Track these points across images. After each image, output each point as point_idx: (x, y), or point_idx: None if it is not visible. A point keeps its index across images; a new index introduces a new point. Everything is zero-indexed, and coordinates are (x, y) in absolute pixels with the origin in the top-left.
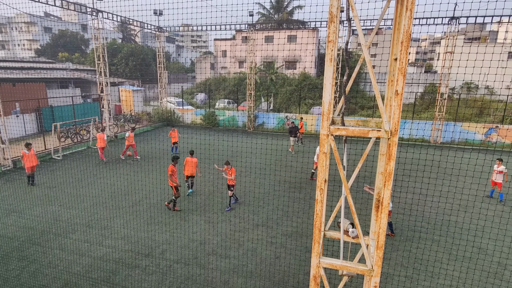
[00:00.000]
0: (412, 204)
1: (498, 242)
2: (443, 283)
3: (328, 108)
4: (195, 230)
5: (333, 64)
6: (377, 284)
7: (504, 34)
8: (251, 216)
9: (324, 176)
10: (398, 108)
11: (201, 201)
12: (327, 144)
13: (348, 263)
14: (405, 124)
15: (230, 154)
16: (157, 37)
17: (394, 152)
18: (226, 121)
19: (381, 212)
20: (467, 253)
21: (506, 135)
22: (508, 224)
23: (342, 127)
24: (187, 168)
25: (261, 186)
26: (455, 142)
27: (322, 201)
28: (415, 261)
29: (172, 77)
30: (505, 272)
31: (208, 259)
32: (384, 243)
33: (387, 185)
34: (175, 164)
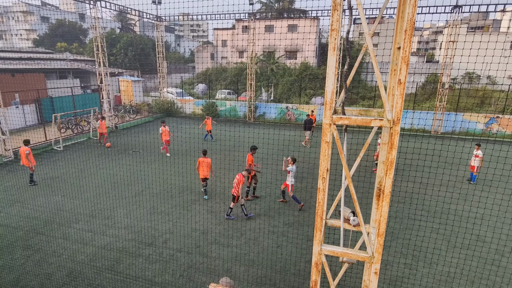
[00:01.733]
0: (413, 193)
1: (496, 230)
2: (442, 270)
3: (331, 97)
4: (197, 219)
5: (336, 53)
6: (377, 271)
7: (507, 22)
8: (252, 205)
9: (327, 165)
10: (400, 97)
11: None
12: (330, 133)
13: (349, 250)
14: (406, 114)
15: (231, 145)
16: (156, 27)
17: (396, 141)
18: (226, 111)
19: (382, 201)
20: (466, 241)
21: (508, 125)
22: (506, 212)
23: (344, 117)
24: (201, 170)
25: (262, 176)
26: (456, 132)
27: (324, 189)
28: (414, 249)
29: (172, 67)
30: (502, 259)
31: (210, 248)
32: (384, 231)
33: (388, 174)
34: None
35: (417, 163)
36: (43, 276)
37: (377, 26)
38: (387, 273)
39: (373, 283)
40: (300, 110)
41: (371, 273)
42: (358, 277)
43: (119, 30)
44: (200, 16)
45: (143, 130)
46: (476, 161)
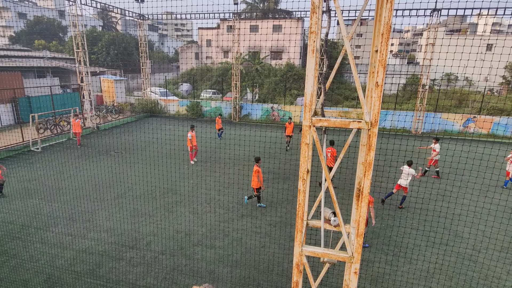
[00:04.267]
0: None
1: (472, 226)
2: (421, 268)
3: (311, 99)
4: (181, 221)
5: (315, 55)
6: (357, 270)
7: (483, 26)
8: (236, 206)
9: (307, 166)
10: (378, 99)
11: (186, 192)
12: (310, 135)
13: (329, 250)
14: (387, 115)
15: (216, 145)
16: (139, 25)
17: (374, 142)
18: (211, 111)
19: (361, 201)
20: (444, 237)
21: (483, 125)
22: (483, 208)
23: (324, 118)
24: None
25: (246, 176)
26: (435, 132)
27: (304, 191)
28: (394, 247)
29: (156, 66)
30: (479, 255)
31: (194, 250)
32: (364, 231)
33: (367, 175)
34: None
35: (398, 162)
36: (19, 282)
37: (359, 28)
38: (368, 271)
39: (353, 283)
40: (285, 111)
41: (351, 273)
42: (341, 276)
43: (101, 28)
44: (184, 15)
45: (125, 131)
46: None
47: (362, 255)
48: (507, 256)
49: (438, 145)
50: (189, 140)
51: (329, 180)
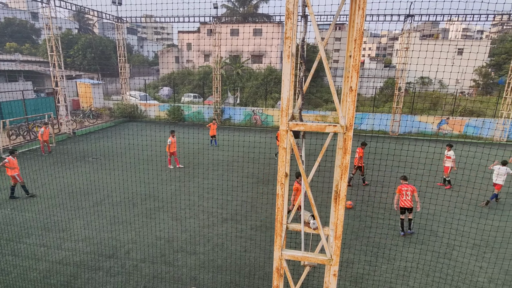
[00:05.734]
0: (371, 191)
1: (447, 225)
2: (400, 265)
3: (287, 104)
4: (162, 227)
5: (291, 60)
6: (336, 272)
7: (454, 31)
8: (219, 211)
9: (285, 170)
10: (352, 104)
11: (167, 198)
12: (287, 140)
13: (309, 254)
14: (362, 118)
15: (197, 149)
16: (117, 28)
17: (349, 146)
18: (192, 115)
19: (339, 204)
20: (421, 236)
21: (455, 127)
22: (455, 207)
23: (300, 123)
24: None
25: (228, 180)
26: (411, 134)
27: (283, 195)
28: (373, 247)
29: (135, 70)
30: (453, 252)
31: (175, 256)
32: (341, 233)
33: (343, 178)
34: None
35: (378, 163)
36: None
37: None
38: (349, 271)
39: (332, 285)
40: (267, 114)
41: (330, 275)
42: (322, 277)
43: (77, 31)
44: (164, 19)
45: (104, 136)
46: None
47: (342, 257)
48: (478, 253)
49: (452, 152)
50: (168, 146)
51: (307, 184)
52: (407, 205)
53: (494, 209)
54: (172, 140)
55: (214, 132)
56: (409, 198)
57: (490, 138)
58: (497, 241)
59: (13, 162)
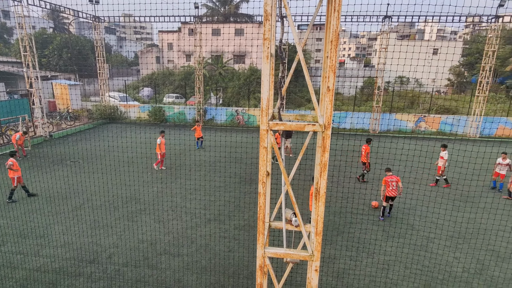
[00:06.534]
0: (351, 188)
1: (424, 219)
2: (380, 259)
3: (267, 104)
4: (144, 230)
5: (269, 61)
6: (318, 268)
7: (430, 33)
8: (202, 211)
9: (266, 169)
10: (330, 103)
11: (150, 200)
12: (267, 139)
13: (291, 250)
14: (343, 117)
15: (179, 150)
16: (94, 27)
17: (328, 144)
18: (174, 116)
19: (319, 201)
20: (399, 230)
21: (432, 124)
22: (430, 202)
23: (280, 122)
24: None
25: (211, 181)
26: (390, 131)
27: (265, 194)
28: (355, 242)
29: (114, 70)
30: (430, 244)
31: (159, 259)
32: (322, 230)
33: (323, 175)
34: None
35: (357, 160)
36: None
37: (320, 33)
38: (333, 267)
39: (314, 280)
40: (249, 114)
41: (312, 270)
42: (305, 274)
43: (52, 30)
44: (143, 18)
45: (82, 138)
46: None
47: (325, 253)
48: (453, 245)
49: (446, 153)
50: (158, 146)
51: (288, 182)
52: (393, 194)
53: (465, 202)
54: (162, 140)
55: (200, 133)
56: (394, 188)
57: (464, 134)
58: (469, 232)
59: (16, 164)
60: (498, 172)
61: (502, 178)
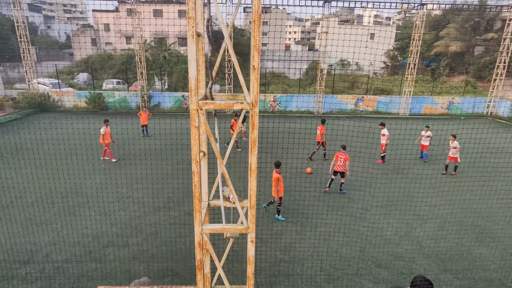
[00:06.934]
0: (299, 167)
1: (362, 192)
2: (321, 231)
3: (195, 83)
4: (87, 224)
5: (195, 40)
6: (253, 239)
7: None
8: (151, 200)
9: (199, 149)
10: (256, 81)
11: (92, 192)
12: (197, 118)
13: (227, 225)
14: (289, 101)
15: (124, 139)
16: (14, 4)
17: (256, 121)
18: (116, 103)
19: (251, 176)
20: (340, 203)
21: (370, 104)
22: (368, 176)
23: (210, 102)
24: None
25: (159, 168)
26: (333, 112)
27: (199, 173)
28: (300, 217)
29: (43, 53)
30: (366, 214)
31: (105, 252)
32: (255, 203)
33: (253, 151)
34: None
35: (303, 141)
36: None
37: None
38: (280, 241)
39: (251, 251)
40: None
41: (249, 242)
42: None
43: None
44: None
45: (9, 130)
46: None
47: (274, 229)
48: (386, 212)
49: (386, 130)
50: (102, 136)
51: (221, 160)
52: (339, 169)
53: (397, 174)
54: (106, 130)
55: (146, 121)
56: (341, 164)
57: (397, 113)
58: (400, 200)
59: None
60: (422, 144)
61: (426, 148)
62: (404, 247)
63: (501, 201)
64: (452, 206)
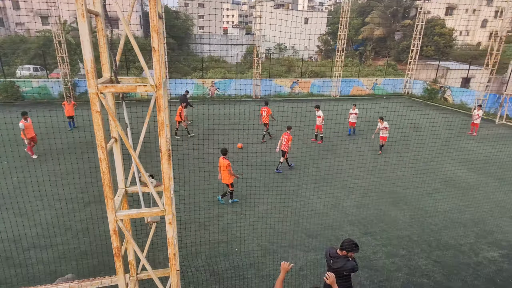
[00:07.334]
0: (236, 149)
1: (297, 170)
2: (260, 210)
3: (91, 65)
4: (3, 228)
5: (86, 20)
6: (171, 221)
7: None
8: (79, 195)
9: (103, 134)
10: (157, 63)
11: (8, 193)
12: (98, 103)
13: (143, 210)
14: (228, 84)
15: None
16: None
17: (161, 104)
18: (34, 92)
19: (162, 158)
20: (277, 182)
21: (304, 87)
22: (301, 156)
23: (110, 85)
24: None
25: (89, 161)
26: (271, 95)
27: (106, 159)
28: (240, 198)
29: None
30: (300, 190)
31: (26, 255)
32: (169, 185)
33: (162, 134)
34: None
35: (242, 125)
36: None
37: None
38: (220, 223)
39: (169, 232)
40: None
41: (166, 223)
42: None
43: None
44: None
45: None
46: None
47: (213, 212)
48: (318, 187)
49: (321, 112)
50: (23, 131)
51: (129, 145)
52: (283, 148)
53: (327, 151)
54: (25, 123)
55: (71, 112)
56: (283, 143)
57: (329, 95)
58: (329, 175)
59: None
60: (351, 122)
61: (354, 125)
62: (332, 217)
63: (411, 169)
64: (373, 177)
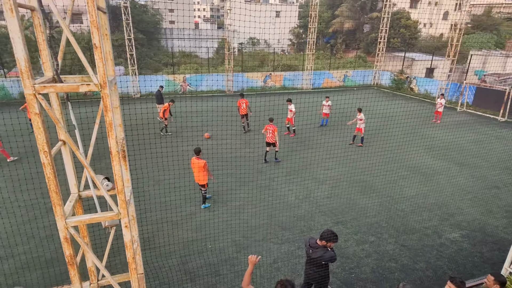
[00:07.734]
0: (209, 144)
1: (269, 164)
2: (233, 205)
3: (26, 65)
4: None
5: (15, 15)
6: (127, 224)
7: None
8: (42, 200)
9: (44, 137)
10: (100, 61)
11: None
12: (37, 104)
13: (95, 215)
14: (200, 80)
15: (10, 135)
16: None
17: (108, 103)
18: None
19: (113, 160)
20: (249, 176)
21: (277, 80)
22: None
23: (49, 85)
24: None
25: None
26: (243, 90)
27: (50, 163)
28: (214, 194)
29: None
30: (272, 183)
31: None
32: (123, 188)
33: (111, 135)
34: None
35: (216, 120)
36: None
37: None
38: (191, 222)
39: (126, 236)
40: None
41: (123, 227)
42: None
43: None
44: None
45: None
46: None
47: (186, 211)
48: (289, 180)
49: (293, 106)
50: None
51: (74, 147)
52: (270, 140)
53: (299, 144)
54: None
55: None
56: (270, 135)
57: (301, 87)
58: (301, 167)
59: None
60: (324, 113)
61: (327, 116)
62: (304, 208)
63: (379, 158)
64: (343, 167)
